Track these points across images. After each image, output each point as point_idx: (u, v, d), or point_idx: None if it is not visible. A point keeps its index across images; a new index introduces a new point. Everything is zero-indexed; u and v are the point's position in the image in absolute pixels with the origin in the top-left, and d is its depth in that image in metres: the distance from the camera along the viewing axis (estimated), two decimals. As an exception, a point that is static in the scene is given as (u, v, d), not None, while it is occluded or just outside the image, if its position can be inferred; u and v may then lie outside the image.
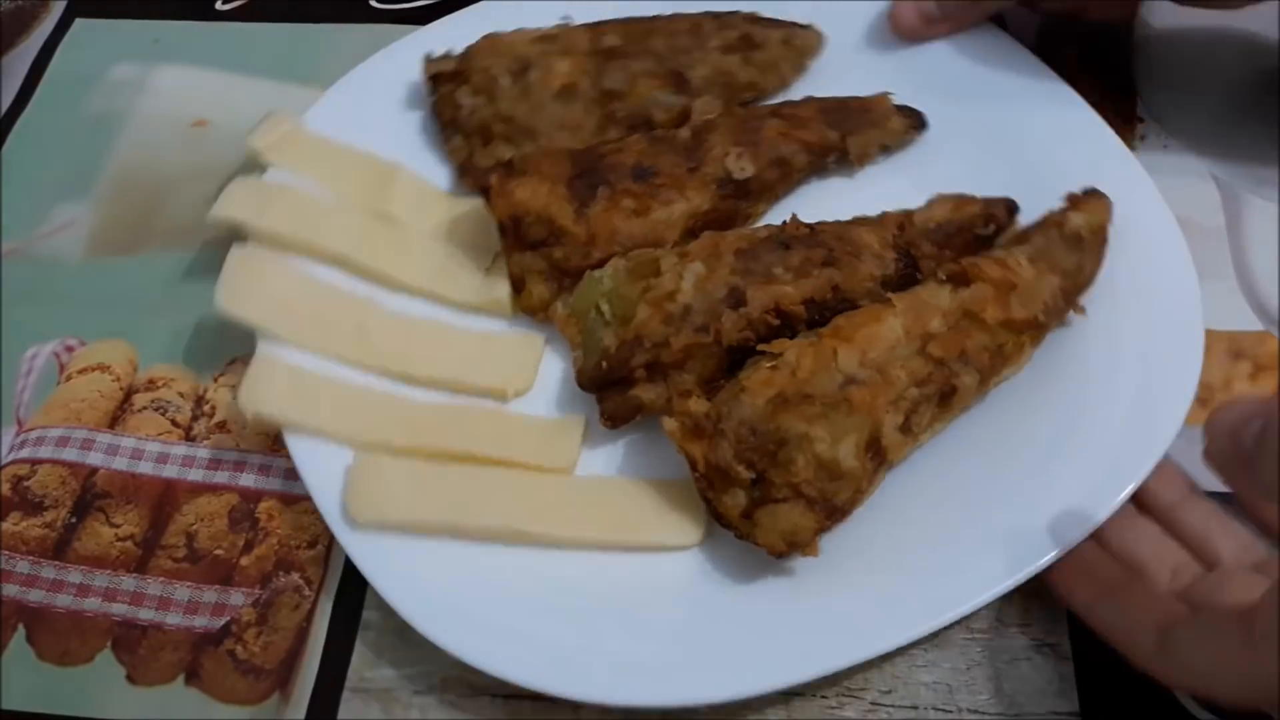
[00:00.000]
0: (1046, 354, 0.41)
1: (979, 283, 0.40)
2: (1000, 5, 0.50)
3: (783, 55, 0.49)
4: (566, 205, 0.43)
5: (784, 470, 0.36)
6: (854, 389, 0.37)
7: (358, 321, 0.44)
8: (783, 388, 0.37)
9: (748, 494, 0.37)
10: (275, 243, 0.45)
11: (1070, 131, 0.47)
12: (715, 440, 0.37)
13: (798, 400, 0.37)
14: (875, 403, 0.37)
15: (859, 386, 0.37)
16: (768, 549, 0.36)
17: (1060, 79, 0.49)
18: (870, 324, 0.38)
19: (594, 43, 0.48)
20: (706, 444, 0.37)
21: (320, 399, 0.41)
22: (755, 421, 0.37)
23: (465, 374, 0.43)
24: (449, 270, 0.46)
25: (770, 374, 0.37)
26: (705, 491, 0.38)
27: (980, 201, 0.45)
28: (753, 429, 0.37)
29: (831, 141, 0.47)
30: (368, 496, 0.39)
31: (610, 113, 0.48)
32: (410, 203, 0.47)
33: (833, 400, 0.37)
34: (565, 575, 0.39)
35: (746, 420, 0.37)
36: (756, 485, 0.37)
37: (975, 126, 0.48)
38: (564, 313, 0.43)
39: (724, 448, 0.37)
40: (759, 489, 0.37)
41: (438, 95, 0.49)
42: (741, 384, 0.38)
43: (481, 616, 0.37)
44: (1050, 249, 0.42)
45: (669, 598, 0.38)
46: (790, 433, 0.36)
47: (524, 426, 0.42)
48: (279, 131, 0.48)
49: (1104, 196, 0.44)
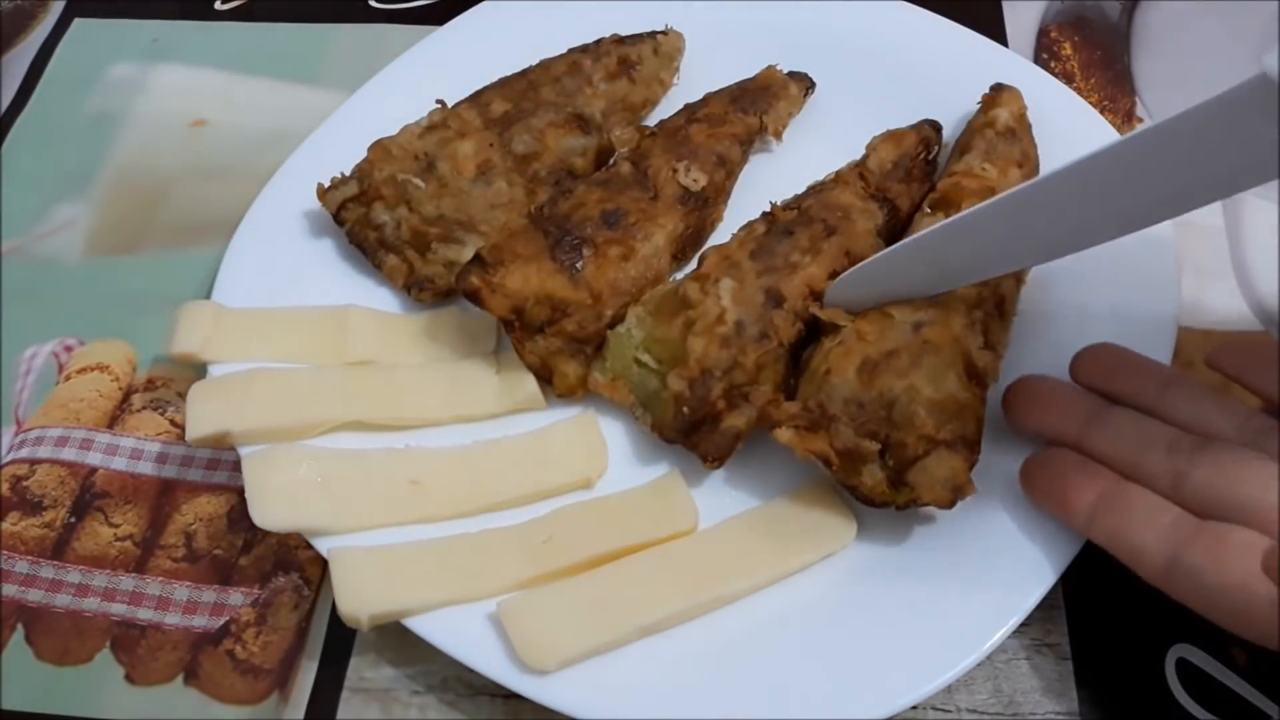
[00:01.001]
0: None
1: (968, 198, 0.41)
2: None
3: (658, 64, 0.50)
4: (559, 276, 0.42)
5: (907, 427, 0.36)
6: (926, 330, 0.38)
7: (407, 479, 0.40)
8: (865, 355, 0.37)
9: (881, 465, 0.37)
10: (269, 438, 0.41)
11: (945, 47, 0.51)
12: (832, 428, 0.37)
13: (884, 360, 0.37)
14: (951, 333, 0.37)
15: (930, 326, 0.38)
16: (935, 503, 0.36)
17: (916, 5, 0.52)
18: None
19: (484, 115, 0.47)
20: (826, 436, 0.37)
21: (419, 569, 0.38)
22: (857, 395, 0.37)
23: (544, 479, 0.41)
24: (461, 387, 0.43)
25: (843, 350, 0.38)
26: (846, 480, 0.37)
27: (911, 131, 0.47)
28: (858, 403, 0.37)
29: (754, 126, 0.48)
30: (538, 640, 0.36)
31: (533, 174, 0.46)
32: (376, 339, 0.44)
33: (915, 347, 0.37)
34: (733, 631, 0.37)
35: (849, 398, 0.37)
36: (886, 454, 0.37)
37: (847, 72, 0.51)
38: (605, 380, 0.42)
39: (844, 431, 0.37)
40: (891, 456, 0.37)
41: (349, 222, 0.46)
42: (823, 369, 0.38)
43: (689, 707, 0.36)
44: (995, 148, 0.44)
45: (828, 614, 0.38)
46: (893, 391, 0.36)
47: (629, 505, 0.40)
48: (203, 325, 0.43)
49: (1011, 87, 0.47)
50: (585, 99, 0.48)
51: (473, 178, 0.46)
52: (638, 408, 0.42)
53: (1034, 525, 0.38)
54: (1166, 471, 0.34)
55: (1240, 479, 0.32)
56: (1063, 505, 0.36)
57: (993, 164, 0.43)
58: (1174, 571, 0.32)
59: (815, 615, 0.37)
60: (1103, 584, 0.39)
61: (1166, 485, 0.34)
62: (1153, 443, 0.35)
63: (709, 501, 0.40)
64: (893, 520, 0.39)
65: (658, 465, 0.42)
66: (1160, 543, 0.33)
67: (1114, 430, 0.36)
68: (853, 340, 0.38)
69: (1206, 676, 0.38)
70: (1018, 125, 0.46)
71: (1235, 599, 0.31)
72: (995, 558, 0.37)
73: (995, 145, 0.44)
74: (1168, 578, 0.33)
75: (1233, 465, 0.33)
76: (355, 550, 0.38)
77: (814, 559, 0.38)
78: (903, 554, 0.38)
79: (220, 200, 0.52)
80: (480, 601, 0.37)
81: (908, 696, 0.35)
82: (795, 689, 0.36)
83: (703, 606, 0.37)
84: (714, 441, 0.40)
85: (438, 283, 0.45)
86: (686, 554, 0.38)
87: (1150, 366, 0.38)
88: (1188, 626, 0.39)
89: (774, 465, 0.41)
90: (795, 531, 0.39)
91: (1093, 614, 0.40)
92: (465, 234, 0.45)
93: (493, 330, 0.45)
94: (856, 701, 0.35)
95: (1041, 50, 0.54)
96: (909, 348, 0.37)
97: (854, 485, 0.37)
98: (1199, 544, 0.32)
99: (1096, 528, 0.35)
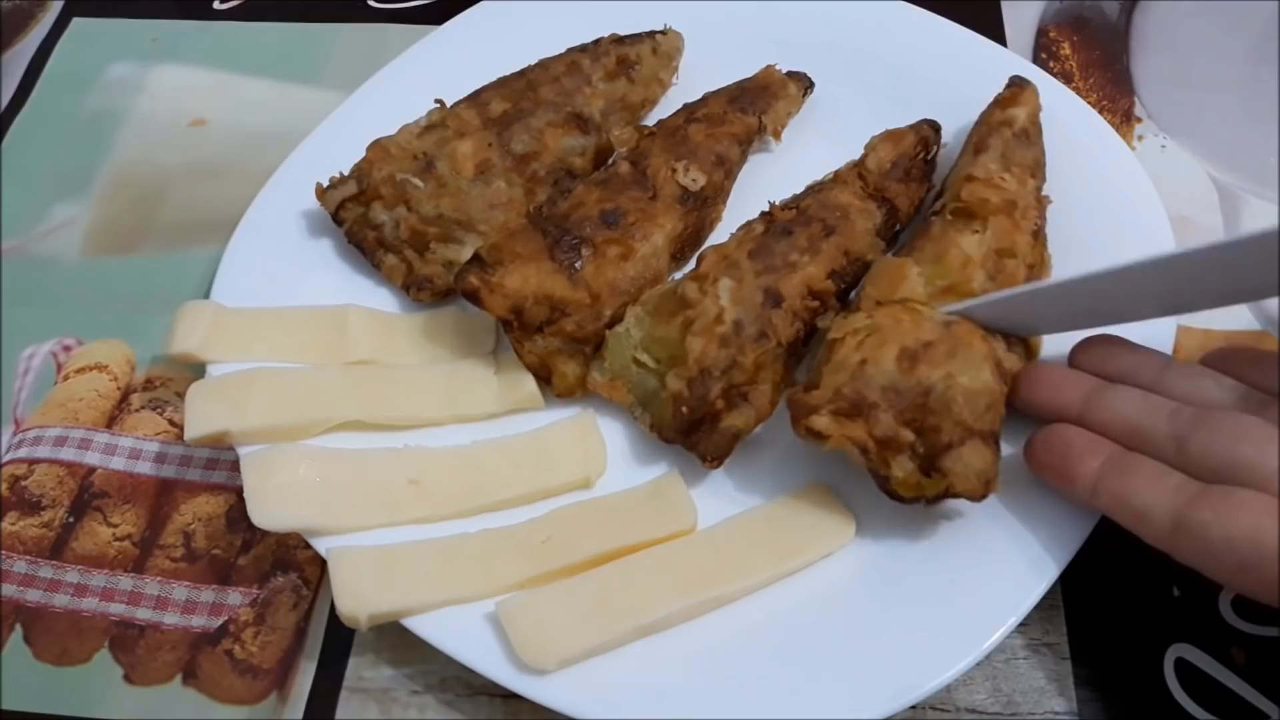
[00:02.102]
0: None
1: (995, 216, 0.41)
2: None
3: (657, 64, 0.50)
4: (558, 276, 0.42)
5: (944, 414, 0.36)
6: (955, 326, 0.38)
7: (405, 479, 0.40)
8: (903, 344, 0.37)
9: (912, 456, 0.37)
10: (268, 438, 0.41)
11: (943, 47, 0.51)
12: (872, 415, 0.37)
13: (923, 350, 0.37)
14: (979, 332, 0.38)
15: (957, 324, 0.38)
16: (968, 494, 0.36)
17: (915, 5, 0.52)
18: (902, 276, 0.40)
19: (483, 114, 0.47)
20: (864, 424, 0.37)
21: (418, 569, 0.38)
22: (895, 383, 0.37)
23: (543, 479, 0.41)
24: (460, 387, 0.43)
25: (879, 339, 0.38)
26: (877, 470, 0.37)
27: (909, 130, 0.47)
28: (896, 390, 0.37)
29: (753, 126, 0.48)
30: (537, 640, 0.36)
31: (532, 174, 0.46)
32: (375, 339, 0.44)
33: (949, 339, 0.37)
34: (735, 629, 0.37)
35: (889, 385, 0.37)
36: (917, 443, 0.37)
37: (846, 72, 0.51)
38: (604, 380, 0.42)
39: (883, 418, 0.36)
40: (922, 443, 0.36)
41: (348, 222, 0.46)
42: (857, 359, 0.37)
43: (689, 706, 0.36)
44: (1011, 151, 0.44)
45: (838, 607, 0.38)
46: (932, 379, 0.36)
47: (628, 505, 0.40)
48: (202, 325, 0.43)
49: (1030, 84, 0.47)
50: (584, 99, 0.48)
51: (471, 177, 0.46)
52: (636, 407, 0.42)
53: (1033, 525, 0.38)
54: (1169, 436, 0.34)
55: (1242, 438, 0.33)
56: (1066, 475, 0.36)
57: (1010, 172, 0.43)
58: (1180, 529, 0.32)
59: (814, 615, 0.37)
60: (1102, 584, 0.40)
61: (1170, 452, 0.34)
62: (1154, 411, 0.35)
63: (708, 501, 0.40)
64: (892, 520, 0.39)
65: (657, 465, 0.42)
66: (1166, 503, 0.33)
67: (1116, 403, 0.36)
68: (889, 328, 0.38)
69: (1205, 676, 0.38)
70: (1032, 127, 0.46)
71: (1242, 551, 0.31)
72: (994, 557, 0.37)
73: (1012, 148, 0.44)
74: (1174, 537, 0.33)
75: (1233, 427, 0.33)
76: (354, 550, 0.38)
77: (813, 559, 0.38)
78: (902, 554, 0.38)
79: (219, 200, 0.52)
80: (479, 601, 0.37)
81: (906, 696, 0.35)
82: (794, 689, 0.36)
83: (701, 606, 0.37)
84: (713, 441, 0.40)
85: (436, 282, 0.45)
86: (685, 554, 0.38)
87: (1148, 351, 0.38)
88: (1187, 626, 0.39)
89: (773, 465, 0.41)
90: (794, 531, 0.39)
91: (1092, 613, 0.40)
92: (464, 234, 0.45)
93: (491, 330, 0.45)
94: (855, 701, 0.35)
95: (1040, 50, 0.54)
96: (944, 340, 0.37)
97: (885, 476, 0.37)
98: (1205, 500, 0.32)
99: (1101, 493, 0.35)
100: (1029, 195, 0.43)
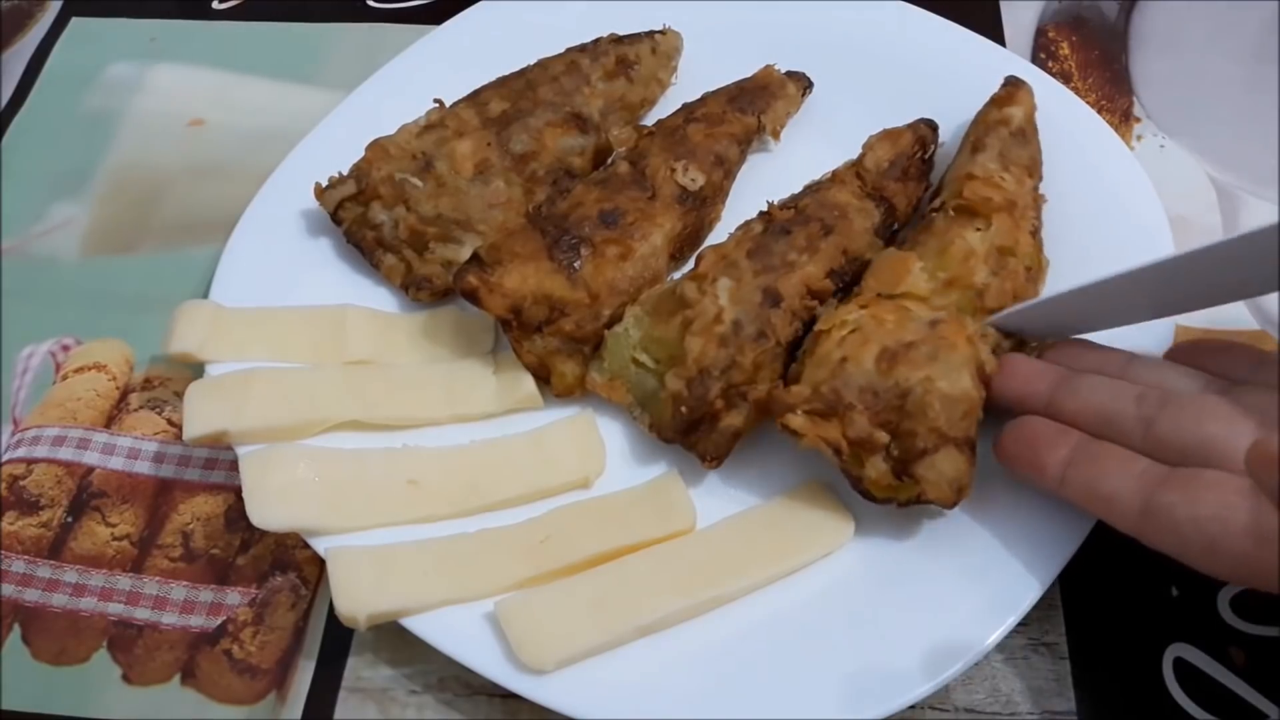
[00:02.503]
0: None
1: (997, 214, 0.41)
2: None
3: (656, 64, 0.50)
4: (557, 276, 0.42)
5: (919, 418, 0.36)
6: (941, 326, 0.38)
7: (404, 479, 0.40)
8: (884, 344, 0.37)
9: (886, 458, 0.37)
10: (266, 438, 0.41)
11: (942, 47, 0.51)
12: (847, 416, 0.37)
13: (903, 350, 0.37)
14: (965, 332, 0.38)
15: (944, 324, 0.38)
16: (940, 502, 0.36)
17: (914, 5, 0.52)
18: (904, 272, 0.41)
19: (482, 114, 0.47)
20: (839, 423, 0.37)
21: (417, 569, 0.38)
22: (873, 384, 0.37)
23: (542, 479, 0.41)
24: (459, 387, 0.43)
25: (860, 337, 0.37)
26: (850, 471, 0.37)
27: (907, 130, 0.47)
28: (874, 391, 0.37)
29: (752, 126, 0.48)
30: (535, 640, 0.36)
31: (531, 174, 0.46)
32: (374, 338, 0.44)
33: (932, 340, 0.37)
34: (733, 629, 0.37)
35: (866, 385, 0.37)
36: (891, 445, 0.36)
37: (844, 72, 0.51)
38: (603, 379, 0.42)
39: (858, 420, 0.36)
40: (897, 446, 0.36)
41: (347, 222, 0.46)
42: (839, 357, 0.37)
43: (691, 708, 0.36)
44: (1009, 150, 0.44)
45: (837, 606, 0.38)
46: (910, 381, 0.36)
47: (627, 505, 0.40)
48: (201, 325, 0.43)
49: (1025, 83, 0.47)
50: (583, 98, 0.48)
51: (470, 177, 0.46)
52: (635, 407, 0.42)
53: (1032, 525, 0.38)
54: (1136, 419, 0.34)
55: (1209, 417, 0.33)
56: (1035, 465, 0.36)
57: (1009, 172, 0.43)
58: (1148, 513, 0.33)
59: (812, 615, 0.37)
60: (1101, 583, 0.40)
61: (1138, 435, 0.34)
62: (1121, 395, 0.35)
63: (707, 501, 0.40)
64: (890, 520, 0.39)
65: (656, 465, 0.42)
66: (1133, 488, 0.33)
67: (1084, 391, 0.36)
68: (871, 327, 0.38)
69: (1204, 675, 0.38)
70: (1028, 126, 0.46)
71: (1209, 530, 0.31)
72: (993, 557, 0.37)
73: (1009, 147, 0.44)
74: (1141, 521, 0.33)
75: (1199, 407, 0.34)
76: (353, 550, 0.38)
77: (811, 558, 0.38)
78: (900, 554, 0.38)
79: (218, 199, 0.52)
80: (478, 601, 0.37)
81: (905, 696, 0.35)
82: (793, 689, 0.36)
83: (700, 606, 0.37)
84: (712, 441, 0.40)
85: (435, 282, 0.45)
86: (684, 554, 0.38)
87: (1113, 349, 0.38)
88: (1186, 626, 0.39)
89: (772, 465, 0.41)
90: (793, 531, 0.39)
91: (1090, 613, 0.39)
92: (463, 233, 0.45)
93: (490, 330, 0.45)
94: (855, 701, 0.35)
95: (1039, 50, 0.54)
96: (926, 341, 0.37)
97: (857, 476, 0.37)
98: (1172, 482, 0.32)
99: (1069, 482, 0.35)
100: (1027, 194, 0.43)
